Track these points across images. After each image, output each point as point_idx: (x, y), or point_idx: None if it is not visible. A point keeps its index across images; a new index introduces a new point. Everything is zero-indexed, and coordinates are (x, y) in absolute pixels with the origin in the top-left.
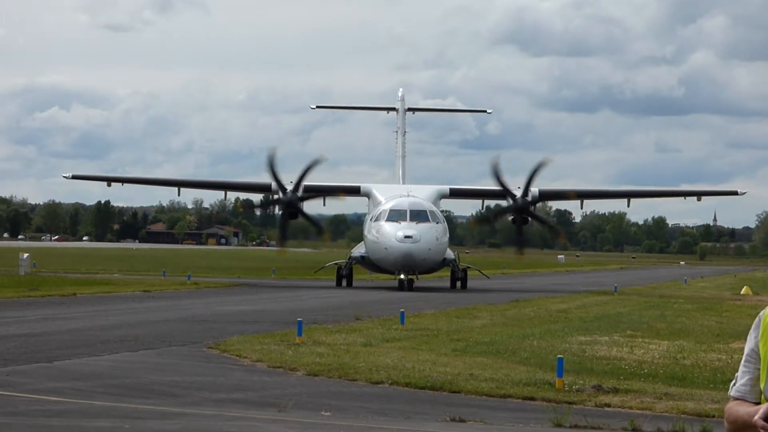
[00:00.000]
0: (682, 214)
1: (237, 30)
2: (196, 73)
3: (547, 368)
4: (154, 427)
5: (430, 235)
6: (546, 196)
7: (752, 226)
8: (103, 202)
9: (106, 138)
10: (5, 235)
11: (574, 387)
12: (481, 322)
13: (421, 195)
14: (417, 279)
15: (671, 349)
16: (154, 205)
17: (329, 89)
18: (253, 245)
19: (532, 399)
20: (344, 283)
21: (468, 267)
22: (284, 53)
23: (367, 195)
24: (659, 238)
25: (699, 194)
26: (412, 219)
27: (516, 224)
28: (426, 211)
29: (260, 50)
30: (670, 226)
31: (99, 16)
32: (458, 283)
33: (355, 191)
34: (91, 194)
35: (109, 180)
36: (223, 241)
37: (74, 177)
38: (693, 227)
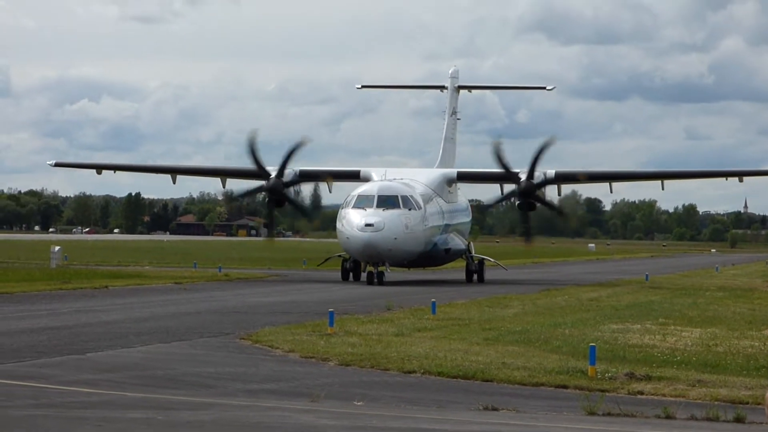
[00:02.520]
0: (713, 201)
1: (267, 21)
2: (226, 65)
3: (579, 356)
4: (187, 417)
5: (396, 223)
6: (563, 178)
7: None
8: (133, 194)
9: (136, 130)
10: (36, 228)
11: (606, 375)
12: (512, 311)
13: (421, 179)
14: (388, 271)
15: (704, 336)
16: (185, 196)
17: (359, 79)
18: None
19: (565, 387)
20: (351, 277)
21: (484, 258)
22: (314, 44)
23: (367, 179)
24: (690, 226)
25: (740, 174)
26: (379, 205)
27: (522, 210)
28: (397, 196)
29: (290, 41)
30: (700, 213)
31: (129, 8)
32: (475, 276)
33: (354, 176)
34: (122, 186)
35: (98, 167)
36: (253, 232)
37: (57, 165)
38: (724, 214)
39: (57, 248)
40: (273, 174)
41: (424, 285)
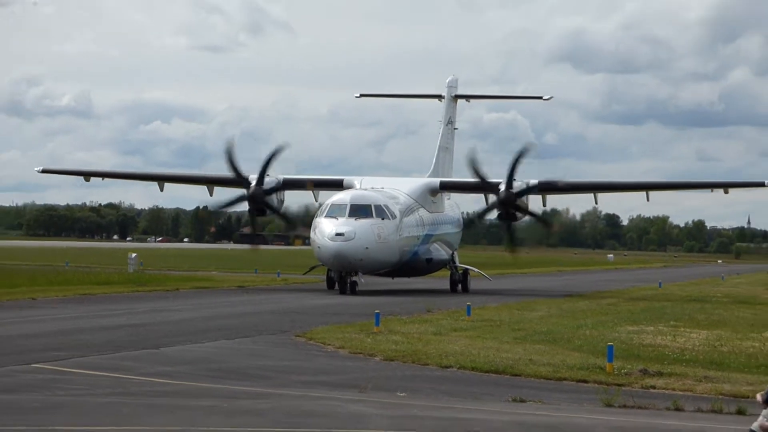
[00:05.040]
0: (720, 217)
1: (320, 50)
2: (284, 89)
3: (598, 354)
4: (248, 406)
5: (368, 233)
6: (546, 188)
7: None
8: (201, 207)
9: (204, 148)
10: (115, 237)
11: (622, 371)
12: (539, 314)
13: (404, 189)
14: (361, 281)
15: (710, 337)
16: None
17: (400, 104)
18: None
19: (585, 381)
20: (337, 287)
21: (468, 268)
22: (361, 72)
23: (350, 188)
24: (699, 239)
25: (725, 186)
26: (351, 214)
27: (503, 220)
28: (370, 205)
29: (340, 69)
30: (708, 228)
31: (197, 39)
32: (459, 286)
33: (337, 184)
34: (191, 200)
35: (86, 174)
36: (308, 241)
37: (44, 171)
38: (729, 229)
39: (134, 255)
40: (253, 182)
41: (401, 295)
